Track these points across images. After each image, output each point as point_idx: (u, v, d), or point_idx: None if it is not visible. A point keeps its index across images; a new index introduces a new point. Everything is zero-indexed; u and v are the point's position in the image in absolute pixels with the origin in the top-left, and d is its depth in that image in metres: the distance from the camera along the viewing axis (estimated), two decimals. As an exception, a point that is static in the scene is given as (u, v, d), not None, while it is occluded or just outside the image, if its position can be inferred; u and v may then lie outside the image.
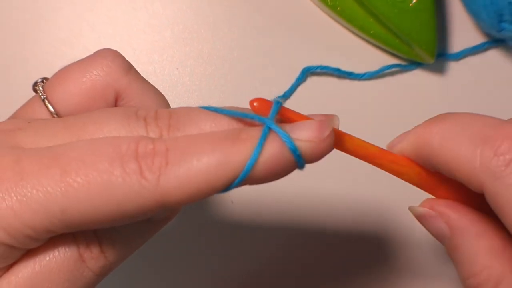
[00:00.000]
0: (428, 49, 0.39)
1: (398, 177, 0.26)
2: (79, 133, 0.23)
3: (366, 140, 0.26)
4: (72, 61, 0.41)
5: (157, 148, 0.21)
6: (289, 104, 0.41)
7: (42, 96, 0.26)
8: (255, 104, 0.23)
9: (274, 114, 0.23)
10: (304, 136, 0.22)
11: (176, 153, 0.21)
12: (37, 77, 0.41)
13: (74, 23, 0.42)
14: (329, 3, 0.41)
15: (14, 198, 0.20)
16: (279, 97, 0.41)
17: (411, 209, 0.27)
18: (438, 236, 0.26)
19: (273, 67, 0.42)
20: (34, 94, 0.41)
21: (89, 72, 0.26)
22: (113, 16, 0.42)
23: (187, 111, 0.24)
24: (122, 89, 0.26)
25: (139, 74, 0.27)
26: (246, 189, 0.39)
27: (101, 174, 0.20)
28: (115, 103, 0.26)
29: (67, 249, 0.23)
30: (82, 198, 0.20)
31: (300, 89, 0.42)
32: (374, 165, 0.26)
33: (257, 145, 0.21)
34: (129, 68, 0.26)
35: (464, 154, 0.23)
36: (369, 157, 0.25)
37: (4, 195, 0.20)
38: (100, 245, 0.23)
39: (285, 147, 0.21)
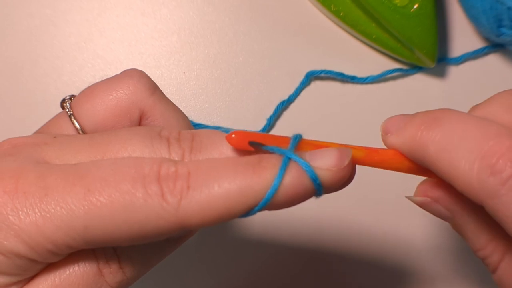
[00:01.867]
0: (429, 53, 0.40)
1: (386, 169, 0.26)
2: (104, 150, 0.23)
3: (367, 142, 0.26)
4: (81, 65, 0.42)
5: (179, 172, 0.21)
6: (293, 107, 0.42)
7: (69, 112, 0.26)
8: (233, 136, 0.23)
9: (293, 146, 0.23)
10: (324, 164, 0.22)
11: (198, 178, 0.21)
12: (48, 80, 0.42)
13: (84, 29, 0.43)
14: (332, 9, 0.41)
15: (38, 213, 0.21)
16: (284, 100, 0.42)
17: (409, 198, 0.27)
18: (440, 217, 0.26)
19: (278, 71, 0.42)
20: (45, 98, 0.42)
21: (116, 91, 0.26)
22: (121, 22, 0.43)
23: (209, 134, 0.24)
24: (147, 109, 0.26)
25: (164, 94, 0.27)
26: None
27: (124, 195, 0.21)
28: (140, 122, 0.26)
29: (86, 264, 0.23)
30: (104, 217, 0.21)
31: (304, 92, 0.42)
32: (362, 165, 0.25)
33: (278, 174, 0.21)
34: (154, 88, 0.27)
35: (461, 169, 0.22)
36: (356, 162, 0.25)
37: (28, 210, 0.21)
38: (119, 261, 0.24)
39: (305, 176, 0.22)
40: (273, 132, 0.42)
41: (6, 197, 0.21)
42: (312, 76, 0.42)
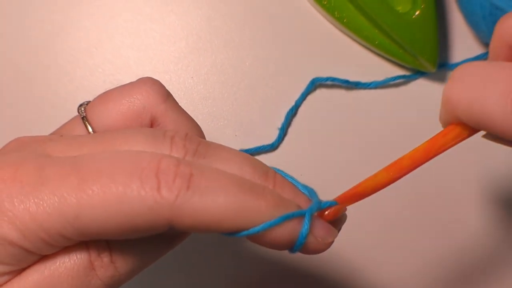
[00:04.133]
0: (430, 58, 0.40)
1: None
2: (106, 145, 0.23)
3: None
4: (91, 70, 0.43)
5: (180, 169, 0.21)
6: (300, 112, 0.42)
7: (82, 114, 0.26)
8: (326, 213, 0.24)
9: (315, 209, 0.23)
10: (317, 232, 0.23)
11: (201, 182, 0.21)
12: (59, 85, 0.43)
13: (94, 35, 0.43)
14: (336, 15, 0.42)
15: (32, 201, 0.21)
16: (292, 107, 0.42)
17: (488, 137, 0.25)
18: None
19: (283, 76, 0.43)
20: (56, 102, 0.43)
21: (129, 96, 0.26)
22: (131, 28, 0.44)
23: (217, 146, 0.24)
24: (158, 115, 0.26)
25: (177, 103, 0.27)
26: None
27: (117, 186, 0.20)
28: (151, 127, 0.26)
29: (78, 255, 0.23)
30: (96, 207, 0.20)
31: (310, 97, 0.43)
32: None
33: (283, 216, 0.22)
34: (167, 95, 0.27)
35: (496, 115, 0.21)
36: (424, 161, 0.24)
37: (23, 197, 0.21)
38: (111, 255, 0.23)
39: (298, 230, 0.22)
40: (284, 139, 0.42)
41: (2, 185, 0.21)
42: (317, 83, 0.43)
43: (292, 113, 0.42)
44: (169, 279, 0.42)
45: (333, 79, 0.42)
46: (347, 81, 0.42)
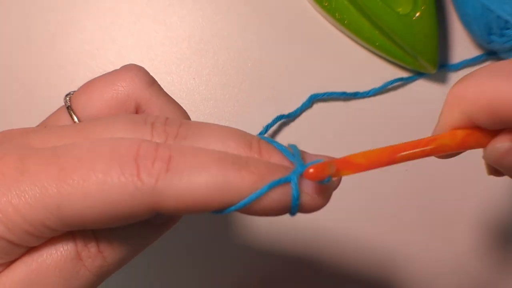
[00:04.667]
0: (430, 59, 0.41)
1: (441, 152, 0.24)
2: (87, 134, 0.23)
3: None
4: (94, 71, 0.43)
5: (159, 153, 0.21)
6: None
7: (66, 104, 0.26)
8: (311, 171, 0.22)
9: (301, 170, 0.22)
10: (307, 188, 0.22)
11: (179, 163, 0.21)
12: (61, 86, 0.43)
13: (97, 36, 0.44)
14: (337, 17, 0.42)
15: (13, 192, 0.20)
16: (284, 115, 0.42)
17: (490, 151, 0.24)
18: None
19: (284, 76, 0.43)
20: (58, 103, 0.43)
21: (112, 83, 0.26)
22: (133, 29, 0.44)
23: (199, 125, 0.23)
24: (143, 102, 0.26)
25: (162, 89, 0.27)
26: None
27: (97, 173, 0.20)
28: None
29: (64, 246, 0.22)
30: (77, 195, 0.20)
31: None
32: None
33: (267, 186, 0.21)
34: (152, 82, 0.26)
35: (504, 92, 0.21)
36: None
37: (4, 190, 0.20)
38: (98, 245, 0.23)
39: (289, 193, 0.22)
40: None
41: None
42: (315, 99, 0.43)
43: (282, 119, 0.42)
44: (170, 279, 0.42)
45: (330, 93, 0.42)
46: (344, 93, 0.42)
